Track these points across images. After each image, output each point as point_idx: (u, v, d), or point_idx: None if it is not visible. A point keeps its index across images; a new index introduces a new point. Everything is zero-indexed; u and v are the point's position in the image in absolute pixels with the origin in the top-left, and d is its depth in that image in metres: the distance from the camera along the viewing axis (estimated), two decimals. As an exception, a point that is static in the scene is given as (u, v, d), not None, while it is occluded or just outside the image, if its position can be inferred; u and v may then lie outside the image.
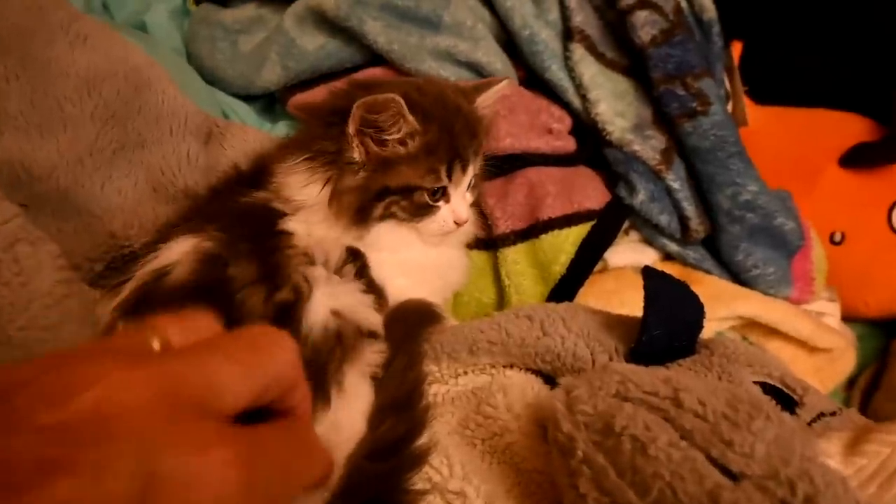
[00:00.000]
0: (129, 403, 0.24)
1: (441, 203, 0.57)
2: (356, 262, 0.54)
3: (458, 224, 0.58)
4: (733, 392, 0.40)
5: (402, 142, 0.55)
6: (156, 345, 0.28)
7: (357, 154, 0.54)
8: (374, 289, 0.54)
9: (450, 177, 0.57)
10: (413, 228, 0.58)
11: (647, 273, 0.55)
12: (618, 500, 0.37)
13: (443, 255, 0.62)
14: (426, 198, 0.56)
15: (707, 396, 0.39)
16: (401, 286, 0.57)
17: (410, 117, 0.53)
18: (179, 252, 0.49)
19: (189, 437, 0.25)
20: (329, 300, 0.50)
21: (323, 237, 0.54)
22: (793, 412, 0.50)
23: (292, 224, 0.53)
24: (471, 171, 0.59)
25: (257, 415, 0.29)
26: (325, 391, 0.46)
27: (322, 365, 0.47)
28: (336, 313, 0.50)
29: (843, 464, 0.36)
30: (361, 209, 0.55)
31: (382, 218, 0.56)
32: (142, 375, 0.25)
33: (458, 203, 0.58)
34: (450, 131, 0.56)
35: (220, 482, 0.25)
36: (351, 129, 0.53)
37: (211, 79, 0.78)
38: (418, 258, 0.59)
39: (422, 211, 0.57)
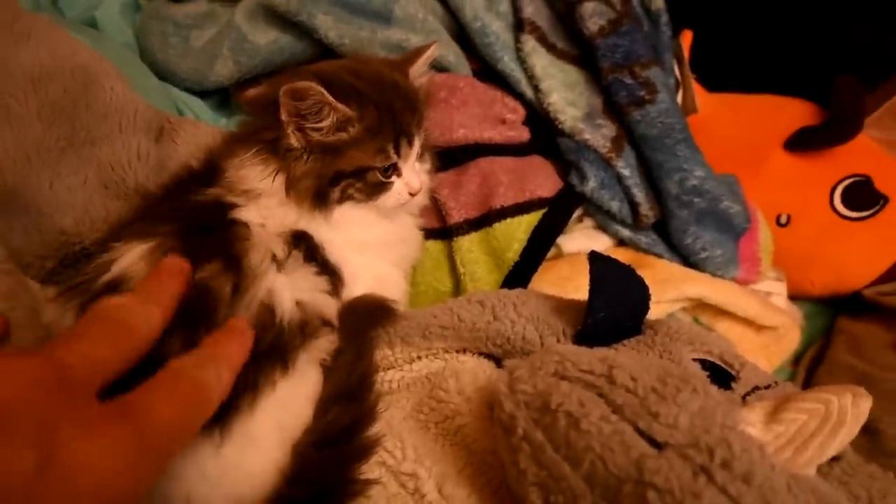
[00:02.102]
0: (17, 390, 0.27)
1: (393, 178, 0.59)
2: (300, 245, 0.55)
3: (412, 194, 0.61)
4: (665, 368, 0.42)
5: (340, 127, 0.55)
6: None
7: (294, 140, 0.55)
8: (327, 270, 0.55)
9: (398, 153, 0.58)
10: (371, 206, 0.59)
11: (593, 258, 0.57)
12: (554, 473, 0.39)
13: (400, 229, 0.64)
14: (379, 176, 0.58)
15: (639, 372, 0.41)
16: (361, 264, 0.58)
17: (340, 105, 0.54)
18: (133, 261, 0.49)
19: (81, 418, 0.28)
20: (291, 291, 0.51)
21: (276, 224, 0.55)
22: (729, 387, 0.53)
23: (244, 214, 0.54)
24: (416, 142, 0.60)
25: None
26: (283, 369, 0.48)
27: (283, 347, 0.49)
28: (299, 304, 0.51)
29: (764, 431, 0.39)
30: (319, 194, 0.56)
31: (341, 201, 0.58)
32: (25, 363, 0.29)
33: (410, 175, 0.60)
34: (390, 109, 0.57)
35: (114, 459, 0.28)
36: (283, 116, 0.53)
37: (163, 74, 0.78)
38: (378, 235, 0.61)
39: (377, 189, 0.59)
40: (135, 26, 0.82)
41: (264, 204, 0.55)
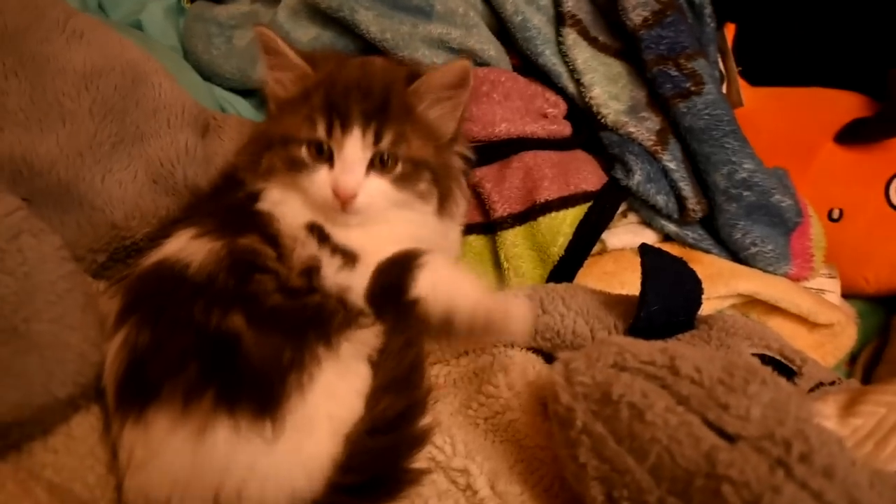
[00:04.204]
0: None
1: (322, 166, 0.52)
2: (314, 232, 0.54)
3: (338, 196, 0.51)
4: (729, 359, 0.41)
5: (294, 81, 0.54)
6: None
7: (277, 88, 0.54)
8: (338, 249, 0.53)
9: (329, 132, 0.52)
10: (299, 190, 0.53)
11: (644, 250, 0.55)
12: (617, 466, 0.37)
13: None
14: (303, 152, 0.52)
15: (703, 363, 0.39)
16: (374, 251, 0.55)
17: (288, 50, 0.52)
18: (179, 244, 0.51)
19: None
20: (329, 268, 0.52)
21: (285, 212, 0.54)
22: (793, 383, 0.51)
23: (262, 205, 0.54)
24: (357, 135, 0.51)
25: None
26: (327, 346, 0.47)
27: (326, 318, 0.49)
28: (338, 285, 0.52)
29: (840, 425, 0.37)
30: (253, 159, 0.54)
31: (267, 173, 0.54)
32: None
33: (343, 171, 0.51)
34: (344, 90, 0.52)
35: None
36: (265, 62, 0.53)
37: (207, 74, 0.79)
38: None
39: (297, 167, 0.52)
40: (178, 29, 0.83)
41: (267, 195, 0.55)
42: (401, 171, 0.54)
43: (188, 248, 0.50)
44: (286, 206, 0.54)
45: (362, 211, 0.53)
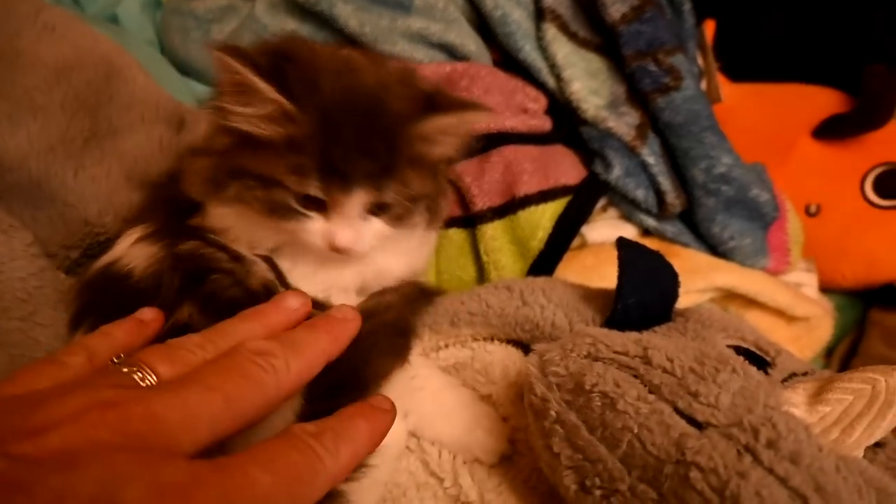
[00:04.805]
0: (98, 440, 0.25)
1: (314, 214, 0.45)
2: None
3: (335, 248, 0.46)
4: (701, 349, 0.41)
5: (271, 119, 0.43)
6: (144, 382, 0.30)
7: (241, 123, 0.44)
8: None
9: (326, 191, 0.44)
10: (279, 231, 0.47)
11: (621, 243, 0.55)
12: (589, 455, 0.37)
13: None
14: (290, 200, 0.45)
15: (676, 353, 0.40)
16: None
17: (262, 84, 0.41)
18: (125, 247, 0.48)
19: (156, 480, 0.25)
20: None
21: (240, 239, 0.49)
22: (765, 373, 0.51)
23: (210, 223, 0.48)
24: (359, 195, 0.44)
25: None
26: None
27: None
28: None
29: (808, 412, 0.37)
30: (214, 180, 0.47)
31: (237, 200, 0.46)
32: (115, 416, 0.26)
33: (341, 226, 0.45)
34: (343, 141, 0.43)
35: None
36: (222, 77, 0.43)
37: (185, 69, 0.78)
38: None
39: (283, 213, 0.45)
40: (156, 23, 0.82)
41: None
42: (398, 210, 0.48)
43: (130, 252, 0.47)
44: (249, 238, 0.48)
45: (360, 254, 0.48)
